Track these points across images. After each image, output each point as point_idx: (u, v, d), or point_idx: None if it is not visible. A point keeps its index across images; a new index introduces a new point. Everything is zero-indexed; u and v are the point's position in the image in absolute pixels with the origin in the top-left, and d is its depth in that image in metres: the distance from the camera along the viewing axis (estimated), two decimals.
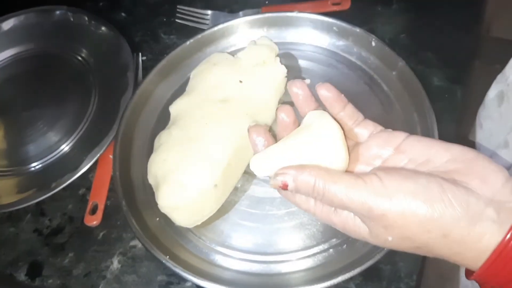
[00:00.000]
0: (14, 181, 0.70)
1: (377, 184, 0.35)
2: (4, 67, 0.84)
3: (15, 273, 0.63)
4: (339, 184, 0.36)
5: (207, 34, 0.74)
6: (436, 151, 0.38)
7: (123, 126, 0.66)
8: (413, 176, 0.35)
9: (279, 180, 0.39)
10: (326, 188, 0.37)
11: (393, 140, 0.41)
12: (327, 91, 0.45)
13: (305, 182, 0.37)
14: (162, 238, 0.59)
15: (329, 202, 0.37)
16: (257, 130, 0.45)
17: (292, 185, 0.38)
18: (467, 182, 0.34)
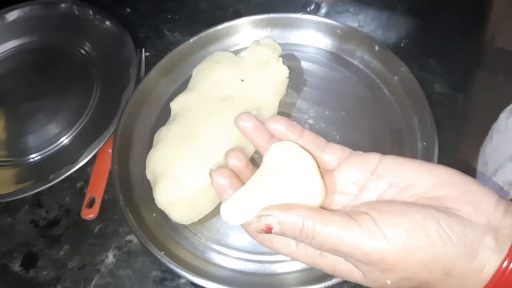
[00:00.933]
0: (12, 172, 0.70)
1: (371, 225, 0.32)
2: (8, 58, 0.84)
3: (10, 263, 0.63)
4: (330, 226, 0.33)
5: (211, 33, 0.74)
6: (419, 174, 0.35)
7: (124, 121, 0.66)
8: (407, 212, 0.33)
9: (262, 223, 0.34)
10: (316, 230, 0.33)
11: (367, 163, 0.37)
12: (276, 123, 0.40)
13: (292, 224, 0.34)
14: (158, 233, 0.59)
15: (318, 246, 0.34)
16: (221, 173, 0.39)
17: (277, 227, 0.34)
18: (460, 209, 0.33)
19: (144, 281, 0.59)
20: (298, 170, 0.37)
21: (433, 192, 0.34)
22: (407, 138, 0.63)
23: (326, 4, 0.82)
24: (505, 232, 0.32)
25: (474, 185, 0.34)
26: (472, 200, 0.33)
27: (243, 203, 0.37)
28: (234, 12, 0.84)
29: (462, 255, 0.31)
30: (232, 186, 0.39)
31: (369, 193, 0.37)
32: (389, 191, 0.36)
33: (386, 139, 0.64)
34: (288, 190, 0.36)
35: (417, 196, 0.34)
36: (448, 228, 0.31)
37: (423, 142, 0.62)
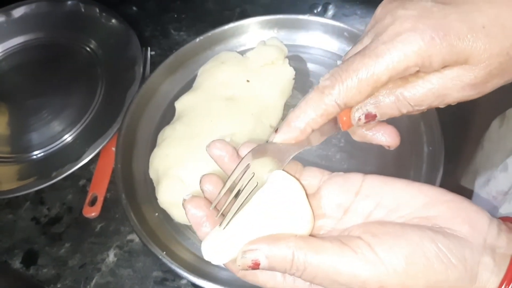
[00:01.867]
0: (15, 168, 0.70)
1: (366, 251, 0.30)
2: (13, 55, 0.84)
3: (10, 260, 0.62)
4: (323, 255, 0.30)
5: (217, 33, 0.73)
6: (407, 194, 0.33)
7: (128, 119, 0.66)
8: (403, 234, 0.31)
9: (248, 258, 0.31)
10: (308, 261, 0.30)
11: (349, 184, 0.36)
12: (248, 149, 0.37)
13: (282, 257, 0.31)
14: (160, 233, 0.58)
15: (310, 278, 0.31)
16: (196, 204, 0.35)
17: (265, 262, 0.31)
18: (455, 229, 0.31)
19: (145, 281, 0.59)
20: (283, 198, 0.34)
21: (424, 211, 0.32)
22: (413, 143, 0.63)
23: (333, 6, 0.82)
24: (501, 252, 0.31)
25: (466, 203, 0.33)
26: (467, 219, 0.32)
27: (226, 239, 0.33)
28: (241, 13, 0.84)
29: (464, 278, 0.30)
30: (209, 218, 0.35)
31: (355, 215, 0.35)
32: (376, 212, 0.34)
33: None
34: (275, 219, 0.33)
35: (407, 217, 0.33)
36: (447, 250, 0.30)
37: (429, 147, 0.61)
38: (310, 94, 0.36)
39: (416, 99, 0.36)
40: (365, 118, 0.37)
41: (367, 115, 0.36)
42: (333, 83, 0.35)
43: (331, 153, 0.63)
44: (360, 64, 0.34)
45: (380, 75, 0.34)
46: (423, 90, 0.35)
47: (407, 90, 0.36)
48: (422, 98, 0.36)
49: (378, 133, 0.40)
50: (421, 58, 0.33)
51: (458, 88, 0.35)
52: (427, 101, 0.36)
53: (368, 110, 0.36)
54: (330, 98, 0.35)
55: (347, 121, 0.38)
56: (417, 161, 0.61)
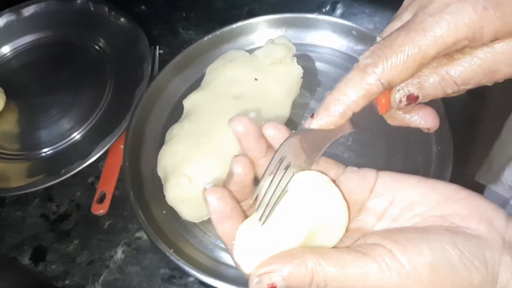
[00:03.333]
0: (24, 165, 0.70)
1: (389, 260, 0.28)
2: (23, 53, 0.85)
3: (19, 256, 0.63)
4: (344, 270, 0.28)
5: (225, 31, 0.73)
6: (421, 191, 0.33)
7: (136, 117, 0.66)
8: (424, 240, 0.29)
9: (264, 283, 0.29)
10: (329, 278, 0.28)
11: (364, 181, 0.34)
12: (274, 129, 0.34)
13: (300, 276, 0.28)
14: (167, 231, 0.59)
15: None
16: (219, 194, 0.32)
17: (282, 284, 0.29)
18: (473, 228, 0.30)
19: (152, 278, 0.59)
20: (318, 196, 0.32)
21: (439, 210, 0.31)
22: (422, 142, 0.62)
23: (342, 5, 0.81)
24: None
25: (481, 200, 0.32)
26: (484, 218, 0.31)
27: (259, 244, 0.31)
28: (249, 12, 0.84)
29: (487, 281, 0.29)
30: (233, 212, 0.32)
31: (369, 214, 0.34)
32: (391, 211, 0.33)
33: (400, 143, 0.63)
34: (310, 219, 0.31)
35: (422, 215, 0.32)
36: (470, 253, 0.29)
37: (438, 146, 0.61)
38: (349, 75, 0.33)
39: (463, 77, 0.34)
40: (407, 100, 0.35)
41: (408, 97, 0.34)
42: (376, 61, 0.32)
43: (339, 152, 0.63)
44: (406, 39, 0.32)
45: (428, 50, 0.32)
46: (471, 67, 0.33)
47: (453, 68, 0.34)
48: (470, 75, 0.34)
49: (417, 115, 0.38)
50: (472, 30, 0.31)
51: (509, 61, 0.33)
52: (475, 79, 0.34)
53: (411, 91, 0.34)
54: (373, 77, 0.32)
55: (386, 104, 0.36)
56: (426, 161, 0.61)
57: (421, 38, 0.32)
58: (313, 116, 0.34)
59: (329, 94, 0.34)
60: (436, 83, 0.35)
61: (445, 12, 0.31)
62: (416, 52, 0.32)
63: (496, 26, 0.31)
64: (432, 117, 0.38)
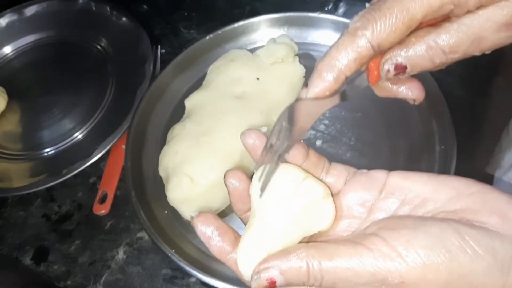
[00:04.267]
0: (26, 165, 0.70)
1: (382, 247, 0.29)
2: (24, 53, 0.85)
3: (21, 257, 0.63)
4: (338, 259, 0.29)
5: (227, 30, 0.73)
6: (432, 188, 0.32)
7: (138, 117, 0.66)
8: (421, 227, 0.29)
9: (263, 279, 0.30)
10: (324, 269, 0.29)
11: (373, 182, 0.34)
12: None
13: (296, 269, 0.29)
14: (169, 231, 0.58)
15: (330, 285, 0.30)
16: (204, 220, 0.34)
17: (280, 279, 0.30)
18: (484, 221, 0.29)
19: (154, 279, 0.59)
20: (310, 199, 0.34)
21: (450, 205, 0.31)
22: (425, 141, 0.62)
23: (344, 4, 0.81)
24: None
25: (494, 193, 0.31)
26: (496, 210, 0.30)
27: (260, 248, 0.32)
28: (251, 11, 0.83)
29: (493, 271, 0.28)
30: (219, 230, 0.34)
31: (380, 214, 0.33)
32: (402, 210, 0.33)
33: (403, 142, 0.62)
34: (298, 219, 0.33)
35: (433, 212, 0.31)
36: (473, 241, 0.28)
37: (441, 146, 0.60)
38: (340, 39, 0.34)
39: (450, 45, 0.34)
40: (395, 70, 0.35)
41: (396, 66, 0.35)
42: (365, 24, 0.33)
43: (341, 151, 0.63)
44: (394, 2, 0.33)
45: (415, 13, 0.32)
46: (458, 34, 0.34)
47: (440, 36, 0.34)
48: (457, 43, 0.34)
49: (403, 86, 0.39)
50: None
51: (494, 29, 0.34)
52: (462, 47, 0.34)
53: (399, 60, 0.35)
54: (363, 40, 0.33)
55: (377, 74, 0.36)
56: (429, 160, 0.60)
57: (409, 1, 0.32)
58: (307, 85, 0.35)
59: (321, 61, 0.35)
60: (424, 52, 0.35)
61: None
62: (404, 14, 0.33)
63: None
64: (418, 88, 0.39)
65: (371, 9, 0.34)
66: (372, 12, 0.33)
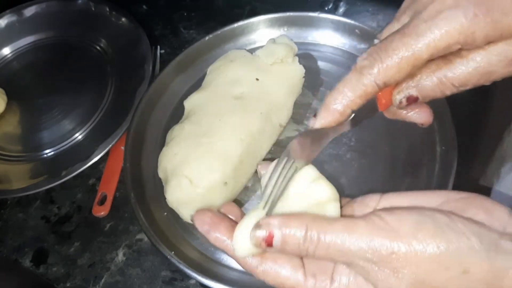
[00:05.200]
0: (25, 167, 0.70)
1: (379, 222, 0.30)
2: (24, 54, 0.85)
3: (21, 258, 0.63)
4: (336, 227, 0.31)
5: (227, 31, 0.73)
6: (424, 197, 0.34)
7: (137, 118, 0.66)
8: (416, 210, 0.31)
9: (263, 231, 0.31)
10: (322, 233, 0.30)
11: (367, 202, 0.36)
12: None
13: (295, 230, 0.31)
14: (168, 233, 0.58)
15: (324, 252, 0.31)
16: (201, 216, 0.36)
17: (278, 235, 0.31)
18: (471, 216, 0.31)
19: (153, 281, 0.58)
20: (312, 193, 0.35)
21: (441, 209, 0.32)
22: (426, 142, 0.61)
23: (345, 3, 0.81)
24: None
25: (482, 198, 0.32)
26: (481, 208, 0.31)
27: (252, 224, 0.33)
28: (250, 11, 0.83)
29: (480, 251, 0.29)
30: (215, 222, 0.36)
31: None
32: None
33: (403, 142, 0.62)
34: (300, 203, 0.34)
35: None
36: (461, 224, 0.29)
37: (442, 146, 0.60)
38: (347, 76, 0.37)
39: (460, 80, 0.36)
40: (407, 101, 0.38)
41: (409, 98, 0.37)
42: (371, 63, 0.35)
43: (342, 152, 0.62)
44: (399, 43, 0.35)
45: (421, 54, 0.34)
46: (468, 69, 0.35)
47: (451, 71, 0.36)
48: (467, 77, 0.36)
49: (413, 111, 0.42)
50: (463, 35, 0.33)
51: (504, 64, 0.35)
52: (472, 81, 0.36)
53: (410, 93, 0.37)
54: (369, 78, 0.36)
55: (385, 103, 0.39)
56: (430, 161, 0.60)
57: (414, 43, 0.34)
58: (315, 115, 0.38)
59: (329, 95, 0.38)
60: (435, 85, 0.37)
61: (438, 18, 0.34)
62: (410, 55, 0.35)
63: (487, 31, 0.33)
64: (427, 113, 0.42)
65: (378, 48, 0.36)
66: (379, 51, 0.35)
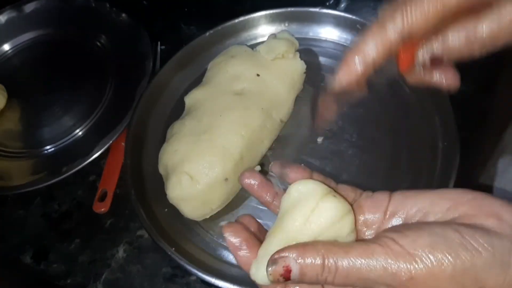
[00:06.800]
0: (26, 164, 0.70)
1: (393, 245, 0.30)
2: (23, 50, 0.84)
3: (21, 255, 0.62)
4: (353, 254, 0.30)
5: (227, 26, 0.72)
6: (430, 202, 0.33)
7: (137, 114, 0.65)
8: (425, 227, 0.31)
9: (280, 265, 0.30)
10: (339, 262, 0.30)
11: (378, 205, 0.35)
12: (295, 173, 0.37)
13: (312, 261, 0.30)
14: (169, 229, 0.58)
15: (343, 280, 0.30)
16: (233, 230, 0.35)
17: (296, 268, 0.30)
18: (481, 223, 0.30)
19: (154, 277, 0.58)
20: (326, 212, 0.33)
21: (449, 214, 0.32)
22: (428, 138, 0.61)
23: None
24: None
25: (488, 198, 0.32)
26: (491, 213, 0.31)
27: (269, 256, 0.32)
28: (251, 6, 0.82)
29: (493, 266, 0.29)
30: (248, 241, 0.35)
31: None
32: None
33: (406, 138, 0.62)
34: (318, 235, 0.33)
35: None
36: (472, 239, 0.29)
37: (444, 142, 0.59)
38: (368, 30, 0.34)
39: (491, 35, 0.33)
40: (430, 61, 0.34)
41: (433, 57, 0.34)
42: (395, 14, 0.32)
43: (343, 148, 0.62)
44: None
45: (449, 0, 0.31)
46: (500, 23, 0.32)
47: (480, 25, 0.33)
48: (498, 33, 0.33)
49: (437, 73, 0.38)
50: None
51: None
52: (503, 38, 0.33)
53: (435, 52, 0.34)
54: (393, 31, 0.32)
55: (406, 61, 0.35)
56: (432, 157, 0.59)
57: None
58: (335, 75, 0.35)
59: (349, 52, 0.34)
60: (462, 43, 0.34)
61: None
62: (437, 2, 0.31)
63: None
64: (453, 74, 0.38)
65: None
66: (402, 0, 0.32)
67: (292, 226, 0.33)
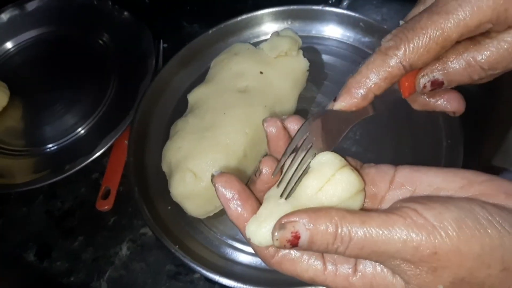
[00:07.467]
0: (28, 161, 0.70)
1: (415, 216, 0.27)
2: (26, 48, 0.84)
3: (24, 253, 0.62)
4: (370, 224, 0.27)
5: (230, 24, 0.72)
6: (442, 178, 0.32)
7: (140, 112, 0.65)
8: (450, 201, 0.29)
9: (288, 230, 0.28)
10: (354, 232, 0.27)
11: (383, 174, 0.34)
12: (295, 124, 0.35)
13: (324, 227, 0.28)
14: (172, 227, 0.58)
15: (356, 251, 0.28)
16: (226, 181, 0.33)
17: (305, 234, 0.28)
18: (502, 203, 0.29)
19: (157, 275, 0.58)
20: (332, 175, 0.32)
21: (464, 192, 0.31)
22: (431, 136, 0.61)
23: None
24: None
25: (504, 180, 0.31)
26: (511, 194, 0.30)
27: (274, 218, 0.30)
28: (254, 4, 0.82)
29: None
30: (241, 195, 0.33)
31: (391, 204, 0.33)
32: None
33: (409, 136, 0.62)
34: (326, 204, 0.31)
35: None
36: (500, 217, 0.27)
37: (448, 140, 0.59)
38: (371, 58, 0.34)
39: (490, 62, 0.34)
40: (431, 86, 0.35)
41: (433, 82, 0.35)
42: (397, 43, 0.33)
43: (347, 146, 0.62)
44: (428, 21, 0.32)
45: (451, 33, 0.32)
46: (498, 51, 0.33)
47: (480, 53, 0.34)
48: (497, 60, 0.34)
49: (442, 99, 0.38)
50: (496, 12, 0.31)
51: None
52: (502, 63, 0.34)
53: (435, 76, 0.35)
54: (395, 60, 0.33)
55: (409, 87, 0.36)
56: (436, 155, 0.59)
57: (444, 21, 0.32)
58: (336, 98, 0.35)
59: (351, 77, 0.35)
60: (462, 68, 0.35)
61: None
62: (439, 34, 0.32)
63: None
64: (458, 100, 0.38)
65: (404, 28, 0.33)
66: (405, 31, 0.33)
67: (302, 193, 0.32)
